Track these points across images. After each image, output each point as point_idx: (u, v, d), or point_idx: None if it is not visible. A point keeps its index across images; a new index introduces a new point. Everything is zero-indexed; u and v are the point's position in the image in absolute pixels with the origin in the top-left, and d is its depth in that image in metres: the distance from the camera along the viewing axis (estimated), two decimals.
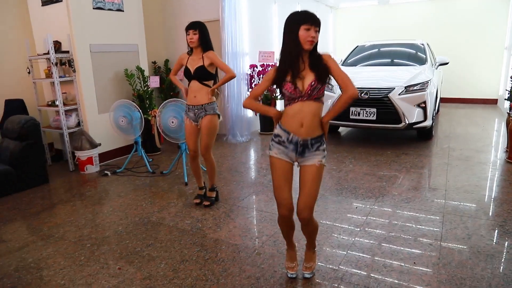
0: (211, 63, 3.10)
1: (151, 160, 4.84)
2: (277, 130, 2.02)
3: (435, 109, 5.51)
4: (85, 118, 4.61)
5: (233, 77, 3.16)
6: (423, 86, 4.95)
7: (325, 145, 2.02)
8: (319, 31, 1.90)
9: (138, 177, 4.26)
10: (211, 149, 3.23)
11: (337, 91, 5.12)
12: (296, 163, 2.06)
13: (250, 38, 6.07)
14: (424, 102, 4.90)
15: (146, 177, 4.25)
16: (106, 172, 4.41)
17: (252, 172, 4.43)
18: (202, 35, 3.08)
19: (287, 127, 1.97)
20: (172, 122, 3.86)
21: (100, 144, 4.57)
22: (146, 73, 5.18)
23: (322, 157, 2.00)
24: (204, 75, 3.10)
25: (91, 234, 2.92)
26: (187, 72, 3.15)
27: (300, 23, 1.85)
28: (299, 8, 7.74)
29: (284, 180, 2.02)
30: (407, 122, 4.88)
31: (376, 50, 6.47)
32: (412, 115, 4.88)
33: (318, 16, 1.91)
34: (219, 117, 3.24)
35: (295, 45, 1.87)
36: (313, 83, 1.87)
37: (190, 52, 3.19)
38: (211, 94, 3.13)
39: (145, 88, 5.06)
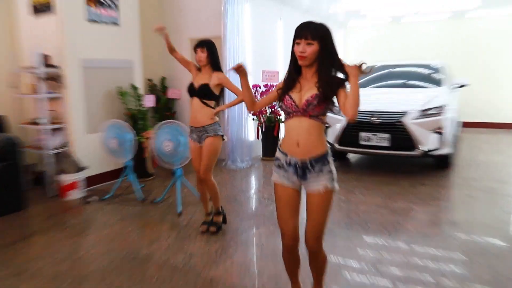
0: (219, 84, 3.17)
1: (142, 185, 4.76)
2: (276, 153, 2.04)
3: (454, 135, 5.46)
4: (72, 138, 4.56)
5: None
6: (440, 110, 4.92)
7: (331, 166, 1.95)
8: (318, 43, 1.85)
9: (126, 206, 4.17)
10: (211, 171, 3.26)
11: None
12: (302, 188, 2.01)
13: (254, 56, 6.10)
14: (441, 128, 4.85)
15: (136, 206, 4.16)
16: (89, 200, 4.31)
17: (253, 202, 4.35)
18: (211, 54, 3.18)
19: (284, 149, 1.98)
20: (167, 146, 3.82)
21: (87, 167, 4.51)
22: (141, 91, 5.19)
23: (328, 180, 1.93)
24: (206, 93, 3.17)
25: (70, 270, 2.81)
26: (191, 88, 3.23)
27: (294, 38, 1.91)
28: None
29: (287, 208, 2.00)
30: (422, 149, 4.81)
31: (388, 70, 6.49)
32: (428, 141, 4.82)
33: (316, 25, 1.86)
34: (223, 138, 3.26)
35: (293, 61, 1.96)
36: (309, 99, 1.88)
37: (200, 70, 3.29)
38: (213, 115, 3.18)
39: (140, 107, 5.05)
